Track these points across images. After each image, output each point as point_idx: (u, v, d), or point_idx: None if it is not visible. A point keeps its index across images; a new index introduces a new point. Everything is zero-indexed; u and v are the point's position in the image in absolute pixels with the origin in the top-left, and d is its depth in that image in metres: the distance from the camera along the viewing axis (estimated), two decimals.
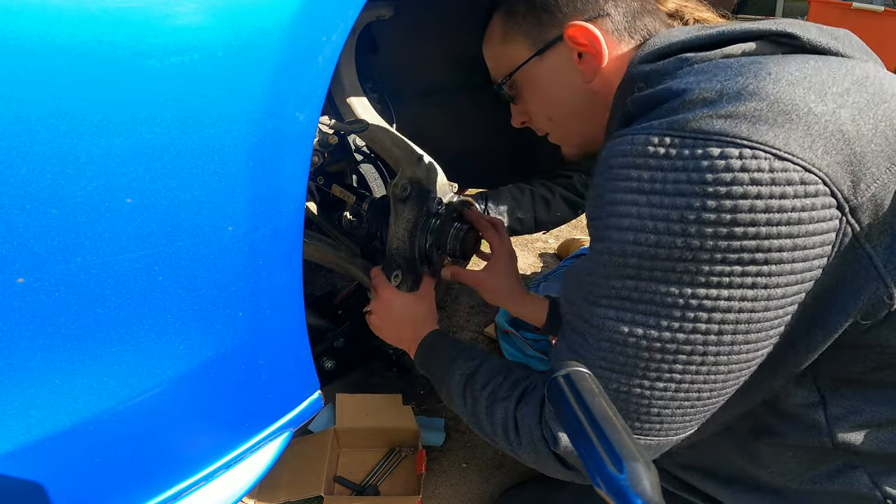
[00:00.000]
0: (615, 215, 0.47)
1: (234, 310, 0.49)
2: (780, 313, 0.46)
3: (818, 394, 0.55)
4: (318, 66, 0.48)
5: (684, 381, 0.48)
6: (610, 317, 0.49)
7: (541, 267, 1.89)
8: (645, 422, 0.51)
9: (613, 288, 0.48)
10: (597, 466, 0.32)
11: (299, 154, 0.50)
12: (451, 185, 0.92)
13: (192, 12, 0.39)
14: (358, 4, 0.52)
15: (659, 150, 0.44)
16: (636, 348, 0.48)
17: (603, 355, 0.50)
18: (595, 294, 0.50)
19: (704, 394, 0.49)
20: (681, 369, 0.47)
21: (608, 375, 0.50)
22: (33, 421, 0.41)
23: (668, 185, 0.44)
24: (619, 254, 0.47)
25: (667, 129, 0.45)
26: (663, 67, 0.52)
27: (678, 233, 0.43)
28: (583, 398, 0.37)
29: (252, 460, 0.60)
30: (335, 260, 1.00)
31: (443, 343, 0.76)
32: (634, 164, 0.46)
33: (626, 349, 0.48)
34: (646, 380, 0.49)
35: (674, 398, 0.49)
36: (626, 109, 0.53)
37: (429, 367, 0.76)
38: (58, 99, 0.35)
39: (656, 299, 0.46)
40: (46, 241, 0.37)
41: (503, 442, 0.61)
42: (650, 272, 0.46)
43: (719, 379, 0.48)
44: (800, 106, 0.42)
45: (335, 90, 0.84)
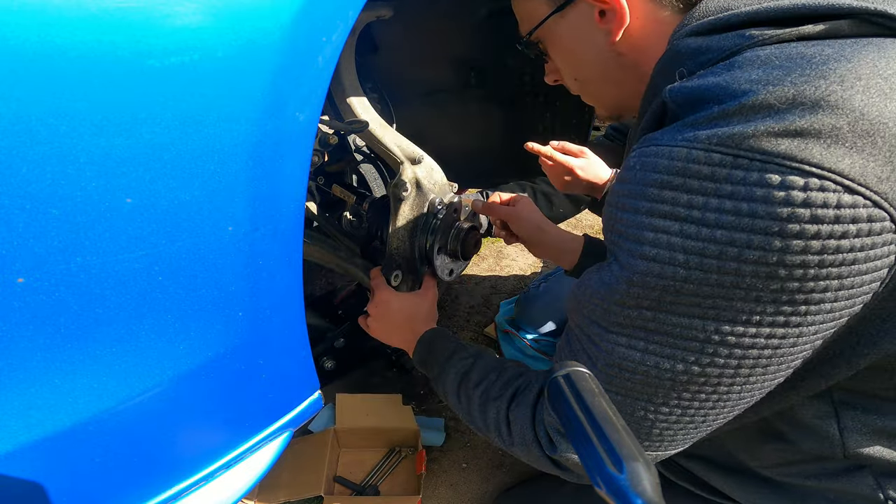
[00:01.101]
0: (640, 241, 0.41)
1: (234, 310, 0.49)
2: (808, 347, 0.42)
3: (832, 406, 0.53)
4: (318, 66, 0.48)
5: (691, 407, 0.46)
6: (621, 343, 0.45)
7: (541, 267, 1.89)
8: (644, 438, 0.49)
9: (628, 317, 0.44)
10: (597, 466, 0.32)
11: (299, 154, 0.50)
12: (451, 185, 0.92)
13: (191, 12, 0.39)
14: (358, 4, 0.52)
15: (702, 170, 0.37)
16: (645, 376, 0.45)
17: (609, 379, 0.47)
18: (607, 319, 0.46)
19: (710, 416, 0.47)
20: (689, 397, 0.45)
21: (612, 398, 0.48)
22: (33, 421, 0.41)
23: (708, 213, 0.37)
24: (639, 284, 0.42)
25: (716, 144, 0.37)
26: (717, 45, 0.43)
27: (712, 270, 0.38)
28: (583, 398, 0.37)
29: (252, 460, 0.60)
30: (335, 260, 1.00)
31: (440, 341, 0.76)
32: (670, 185, 0.39)
33: (634, 376, 0.46)
34: (651, 404, 0.46)
35: (678, 420, 0.47)
36: (665, 98, 0.44)
37: (427, 364, 0.76)
38: (58, 99, 0.35)
39: (675, 332, 0.42)
40: (46, 241, 0.37)
41: (497, 439, 0.61)
42: (672, 305, 0.41)
43: (728, 405, 0.46)
44: (889, 125, 0.34)
45: (335, 90, 0.84)
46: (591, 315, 0.48)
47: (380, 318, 0.84)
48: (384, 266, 0.89)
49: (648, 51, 0.54)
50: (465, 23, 1.24)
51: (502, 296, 1.70)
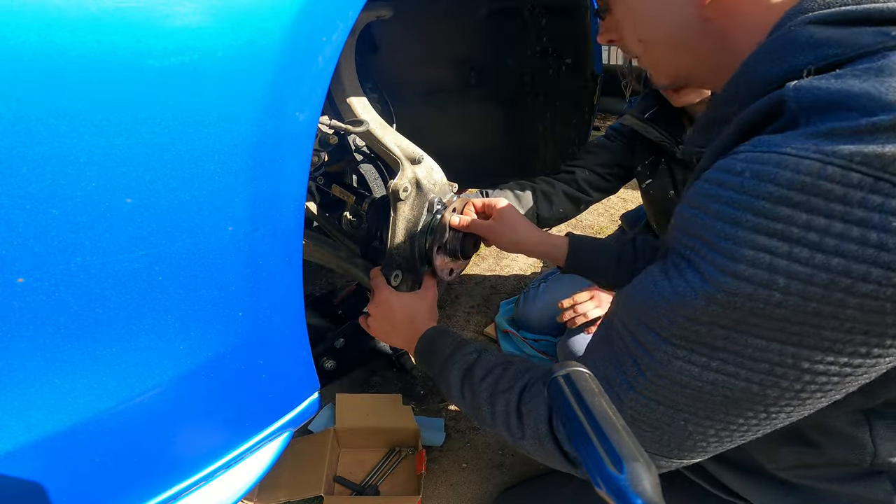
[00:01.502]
0: (735, 258, 0.36)
1: (234, 310, 0.49)
2: (875, 375, 0.39)
3: (864, 415, 0.51)
4: (318, 66, 0.48)
5: (734, 423, 0.43)
6: (679, 357, 0.42)
7: (541, 267, 1.89)
8: (676, 447, 0.47)
9: (696, 332, 0.40)
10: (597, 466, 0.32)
11: (299, 154, 0.50)
12: (451, 185, 0.92)
13: (191, 12, 0.39)
14: (358, 4, 0.52)
15: (834, 190, 0.32)
16: (698, 391, 0.42)
17: (655, 388, 0.44)
18: (668, 330, 0.42)
19: (751, 433, 0.44)
20: (737, 414, 0.42)
21: (652, 406, 0.45)
22: (33, 421, 0.41)
23: (828, 238, 0.33)
24: (721, 303, 0.38)
25: (859, 162, 0.32)
26: (851, 40, 0.37)
27: (814, 298, 0.34)
28: (583, 398, 0.37)
29: (252, 460, 0.60)
30: (335, 260, 1.00)
31: (442, 337, 0.75)
32: (788, 201, 0.34)
33: (685, 390, 0.42)
34: (695, 417, 0.44)
35: (717, 434, 0.44)
36: (787, 96, 0.38)
37: (429, 362, 0.75)
38: (58, 99, 0.35)
39: (745, 352, 0.39)
40: (46, 241, 0.37)
41: (505, 433, 0.60)
42: (752, 327, 0.38)
43: (774, 423, 0.43)
44: None
45: (335, 90, 0.84)
46: (648, 321, 0.44)
47: (380, 318, 0.84)
48: (384, 266, 0.89)
49: (742, 22, 0.47)
50: (465, 23, 1.24)
51: (502, 296, 1.70)
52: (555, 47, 1.26)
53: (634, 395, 0.46)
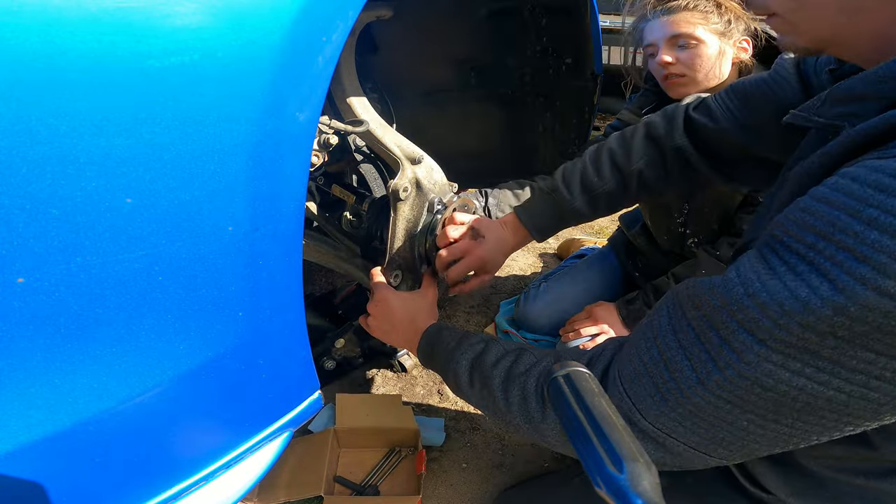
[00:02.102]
0: (886, 273, 0.33)
1: (234, 310, 0.49)
2: None
3: None
4: (318, 66, 0.48)
5: (802, 429, 0.42)
6: (772, 361, 0.39)
7: (541, 267, 1.89)
8: (725, 447, 0.45)
9: (805, 340, 0.38)
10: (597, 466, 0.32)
11: (299, 154, 0.50)
12: (451, 185, 0.92)
13: (192, 12, 0.39)
14: (358, 4, 0.52)
15: None
16: (781, 395, 0.40)
17: (731, 388, 0.42)
18: (772, 335, 0.39)
19: (814, 438, 0.43)
20: (813, 421, 0.41)
21: (720, 405, 0.43)
22: (33, 421, 0.41)
23: None
24: (853, 317, 0.35)
25: None
26: None
27: None
28: (583, 398, 0.37)
29: (252, 460, 0.60)
30: (335, 260, 1.00)
31: (446, 331, 0.75)
32: None
33: (765, 392, 0.40)
34: (763, 420, 0.42)
35: (777, 436, 0.43)
36: None
37: (433, 357, 0.75)
38: (58, 99, 0.35)
39: (849, 364, 0.37)
40: (46, 241, 0.37)
41: (520, 419, 0.57)
42: (871, 342, 0.36)
43: (832, 434, 0.42)
44: None
45: (335, 90, 0.84)
46: (744, 321, 0.41)
47: (380, 317, 0.84)
48: (384, 266, 0.89)
49: None
50: (465, 23, 1.24)
51: (502, 296, 1.70)
52: (555, 47, 1.26)
53: (702, 392, 0.44)
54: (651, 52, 1.11)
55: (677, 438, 0.47)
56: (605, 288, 1.43)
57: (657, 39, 1.08)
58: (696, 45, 1.04)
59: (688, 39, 1.04)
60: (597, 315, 1.27)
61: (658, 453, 0.49)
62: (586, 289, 1.42)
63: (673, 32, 1.05)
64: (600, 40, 1.28)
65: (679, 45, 1.05)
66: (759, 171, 0.79)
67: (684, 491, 0.71)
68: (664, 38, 1.06)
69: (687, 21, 1.04)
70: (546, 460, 1.12)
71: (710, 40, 1.04)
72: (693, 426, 0.46)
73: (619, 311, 1.26)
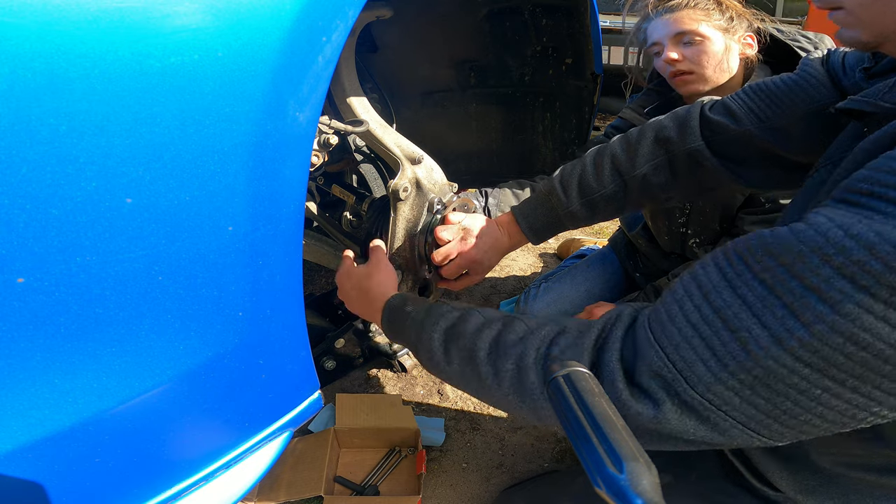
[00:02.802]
0: None
1: (234, 310, 0.49)
2: None
3: None
4: (318, 66, 0.48)
5: (877, 399, 0.38)
6: (874, 311, 0.36)
7: (541, 267, 1.89)
8: (780, 422, 0.41)
9: None
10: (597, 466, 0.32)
11: (299, 154, 0.50)
12: (451, 185, 0.92)
13: (192, 12, 0.39)
14: (358, 4, 0.52)
15: None
16: (874, 355, 0.36)
17: (817, 347, 0.38)
18: (877, 279, 0.36)
19: (884, 410, 0.39)
20: (890, 386, 0.37)
21: (798, 368, 0.38)
22: (33, 421, 0.41)
23: None
24: None
25: None
26: None
27: None
28: (583, 398, 0.37)
29: (252, 460, 0.60)
30: (335, 260, 1.00)
31: (411, 302, 0.69)
32: None
33: (859, 352, 0.37)
34: (841, 387, 0.38)
35: (845, 410, 0.39)
36: None
37: (399, 330, 0.67)
38: (58, 99, 0.35)
39: None
40: (46, 241, 0.37)
41: (514, 396, 0.51)
42: None
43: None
44: None
45: (335, 90, 0.84)
46: (844, 266, 0.37)
47: (343, 295, 0.82)
48: None
49: None
50: (465, 23, 1.24)
51: (502, 296, 1.70)
52: (555, 47, 1.26)
53: (778, 353, 0.39)
54: (656, 51, 1.11)
55: (728, 412, 0.41)
56: (605, 288, 1.44)
57: (661, 38, 1.09)
58: (700, 42, 1.05)
59: (692, 36, 1.05)
60: (597, 315, 1.27)
61: (700, 430, 0.43)
62: (587, 289, 1.42)
63: (677, 30, 1.06)
64: (600, 40, 1.28)
65: (684, 42, 1.06)
66: (775, 172, 0.78)
67: (689, 489, 0.71)
68: (668, 35, 1.07)
69: (690, 18, 1.05)
70: (546, 460, 1.12)
71: (715, 36, 1.04)
72: (753, 396, 0.40)
73: None
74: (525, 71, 1.34)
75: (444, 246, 0.86)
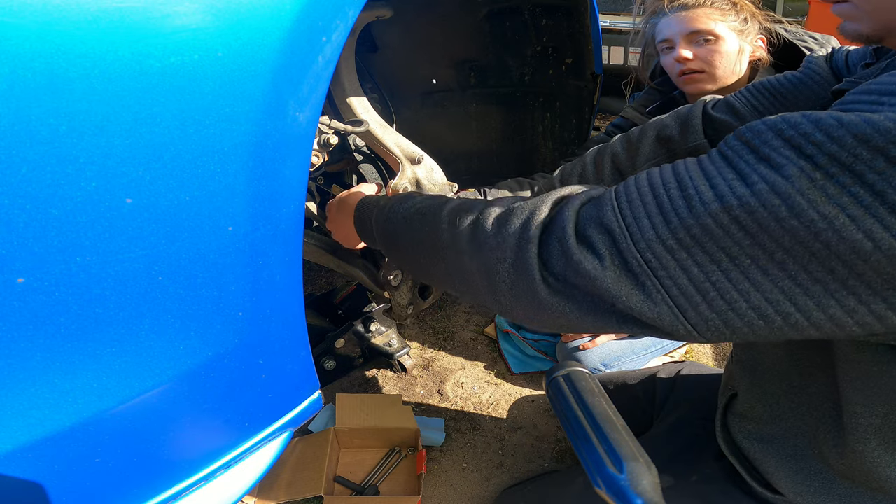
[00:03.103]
0: None
1: (234, 310, 0.49)
2: None
3: None
4: (318, 66, 0.48)
5: (803, 286, 0.38)
6: (812, 179, 0.36)
7: None
8: (710, 301, 0.40)
9: (853, 157, 0.35)
10: (597, 466, 0.32)
11: (299, 154, 0.50)
12: (451, 185, 0.92)
13: (192, 12, 0.39)
14: (358, 4, 0.52)
15: None
16: (805, 225, 0.36)
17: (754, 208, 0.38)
18: (819, 148, 0.37)
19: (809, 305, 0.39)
20: (815, 271, 0.37)
21: (733, 231, 0.38)
22: (33, 421, 0.41)
23: None
24: None
25: None
26: None
27: None
28: (583, 398, 0.37)
29: (252, 460, 0.60)
30: (335, 260, 1.00)
31: (383, 199, 0.66)
32: None
33: (790, 219, 0.37)
34: (769, 260, 0.38)
35: (771, 295, 0.39)
36: None
37: (367, 219, 0.66)
38: (58, 99, 0.35)
39: (891, 197, 0.35)
40: (46, 241, 0.37)
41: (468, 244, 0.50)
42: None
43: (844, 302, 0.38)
44: None
45: (335, 90, 0.84)
46: (793, 137, 0.38)
47: (331, 223, 0.82)
48: (384, 266, 0.89)
49: None
50: (465, 23, 1.24)
51: None
52: (555, 47, 1.26)
53: (717, 210, 0.39)
54: (667, 47, 1.10)
55: (662, 280, 0.41)
56: None
57: (674, 35, 1.07)
58: (714, 42, 1.04)
59: (707, 35, 1.03)
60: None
61: (633, 298, 0.42)
62: None
63: (692, 28, 1.04)
64: (600, 40, 1.28)
65: (697, 41, 1.05)
66: None
67: (689, 491, 0.71)
68: (682, 33, 1.06)
69: (707, 16, 1.03)
70: (546, 460, 1.12)
71: (729, 37, 1.03)
72: (688, 261, 0.40)
73: None
74: (525, 71, 1.34)
75: None
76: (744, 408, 0.67)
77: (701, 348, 1.43)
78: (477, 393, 1.30)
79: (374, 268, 0.98)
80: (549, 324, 0.48)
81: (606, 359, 1.24)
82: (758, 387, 0.65)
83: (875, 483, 0.55)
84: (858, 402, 0.53)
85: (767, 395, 0.62)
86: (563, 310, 0.45)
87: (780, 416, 0.62)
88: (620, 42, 2.70)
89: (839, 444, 0.57)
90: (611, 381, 1.02)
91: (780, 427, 0.64)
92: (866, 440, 0.53)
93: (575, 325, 0.46)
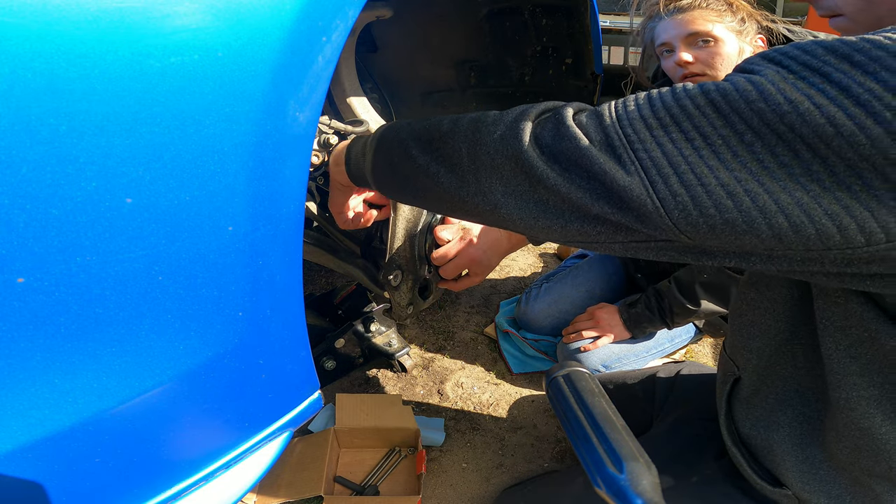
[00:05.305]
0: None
1: (234, 310, 0.49)
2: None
3: None
4: (318, 66, 0.48)
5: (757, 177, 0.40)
6: (783, 73, 0.40)
7: (541, 267, 1.89)
8: (675, 181, 0.42)
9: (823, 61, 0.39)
10: (597, 466, 0.32)
11: (299, 154, 0.50)
12: None
13: (192, 12, 0.39)
14: (358, 4, 0.52)
15: None
16: (771, 108, 0.39)
17: (727, 92, 0.41)
18: (786, 54, 0.41)
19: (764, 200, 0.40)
20: (771, 166, 0.39)
21: (707, 112, 0.42)
22: (33, 421, 0.41)
23: None
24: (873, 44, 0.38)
25: None
26: None
27: None
28: (583, 398, 0.37)
29: (252, 460, 0.60)
30: (335, 260, 1.00)
31: (364, 138, 0.68)
32: None
33: (758, 102, 0.39)
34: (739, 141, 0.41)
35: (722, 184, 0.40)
36: None
37: (359, 154, 0.68)
38: (58, 99, 0.35)
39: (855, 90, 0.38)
40: (46, 241, 0.37)
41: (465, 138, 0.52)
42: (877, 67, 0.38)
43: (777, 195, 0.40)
44: None
45: (335, 90, 0.84)
46: (770, 54, 0.43)
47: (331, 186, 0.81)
48: (384, 266, 0.89)
49: None
50: (465, 23, 1.24)
51: (502, 296, 1.70)
52: (555, 47, 1.26)
53: (696, 94, 0.43)
54: (666, 50, 1.10)
55: (637, 151, 0.43)
56: (606, 289, 1.44)
57: (672, 38, 1.07)
58: (713, 44, 1.03)
59: (705, 37, 1.03)
60: (599, 317, 1.27)
61: (608, 164, 0.45)
62: (587, 290, 1.42)
63: (690, 31, 1.04)
64: (600, 40, 1.28)
65: (696, 43, 1.05)
66: None
67: (689, 491, 0.71)
68: (680, 36, 1.05)
69: (703, 18, 1.03)
70: (546, 460, 1.12)
71: (728, 38, 1.03)
72: (663, 137, 0.43)
73: (621, 314, 1.26)
74: (525, 71, 1.34)
75: (444, 246, 0.86)
76: (748, 391, 0.67)
77: (701, 348, 1.43)
78: (477, 393, 1.30)
79: (374, 268, 0.98)
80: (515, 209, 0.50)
81: (607, 360, 1.24)
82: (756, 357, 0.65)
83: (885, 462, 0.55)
84: (854, 372, 0.53)
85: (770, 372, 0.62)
86: (540, 175, 0.48)
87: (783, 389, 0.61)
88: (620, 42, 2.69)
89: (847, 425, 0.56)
90: (610, 380, 1.03)
91: (785, 414, 0.64)
92: (871, 416, 0.53)
93: (547, 198, 0.49)
